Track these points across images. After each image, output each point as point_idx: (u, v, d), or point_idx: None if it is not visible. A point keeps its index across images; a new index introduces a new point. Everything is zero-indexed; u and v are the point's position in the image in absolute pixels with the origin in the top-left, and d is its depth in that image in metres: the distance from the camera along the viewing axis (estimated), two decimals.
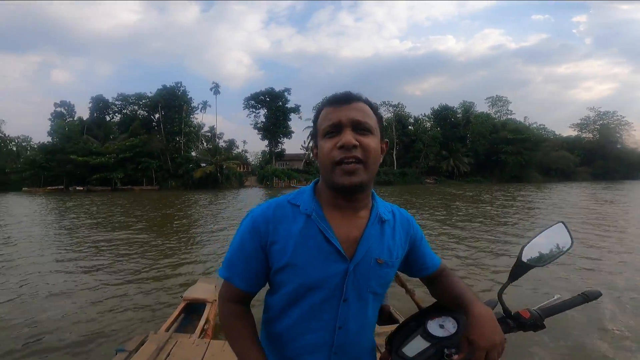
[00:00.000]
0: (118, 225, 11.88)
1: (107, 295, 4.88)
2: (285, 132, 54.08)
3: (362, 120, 0.76)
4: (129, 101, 50.20)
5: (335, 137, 0.76)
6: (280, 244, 0.79)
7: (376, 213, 0.84)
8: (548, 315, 0.83)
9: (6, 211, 17.84)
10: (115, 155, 40.72)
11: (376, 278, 0.82)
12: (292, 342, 0.83)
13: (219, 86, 56.08)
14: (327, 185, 0.81)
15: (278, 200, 0.85)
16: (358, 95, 0.80)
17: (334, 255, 0.78)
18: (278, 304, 0.84)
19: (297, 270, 0.78)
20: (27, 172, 41.15)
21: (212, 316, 3.42)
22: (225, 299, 0.85)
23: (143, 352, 2.49)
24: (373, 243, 0.81)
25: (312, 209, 0.80)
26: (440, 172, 52.48)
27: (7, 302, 4.61)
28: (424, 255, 0.94)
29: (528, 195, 24.06)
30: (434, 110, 57.08)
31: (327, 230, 0.79)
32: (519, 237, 8.75)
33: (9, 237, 9.65)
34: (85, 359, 3.21)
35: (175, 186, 42.15)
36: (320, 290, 0.79)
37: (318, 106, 0.85)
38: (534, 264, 0.89)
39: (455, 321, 0.81)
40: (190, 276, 5.80)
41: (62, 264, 6.66)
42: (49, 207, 19.86)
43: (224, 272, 0.84)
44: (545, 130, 64.08)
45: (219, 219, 13.87)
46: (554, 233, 0.93)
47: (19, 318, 4.07)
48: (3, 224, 12.59)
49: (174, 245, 8.49)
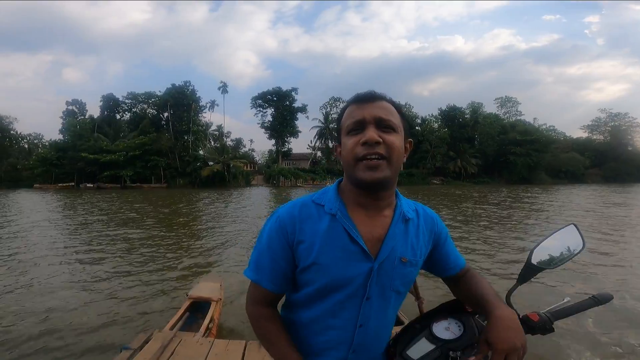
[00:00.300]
0: (126, 222, 12.03)
1: (113, 292, 4.91)
2: (292, 132, 54.28)
3: (386, 118, 0.77)
4: (138, 100, 50.93)
5: (358, 134, 0.77)
6: (306, 243, 0.79)
7: (400, 212, 0.84)
8: (558, 319, 0.82)
9: (18, 206, 18.25)
10: (125, 153, 41.40)
11: (400, 277, 0.83)
12: (311, 338, 0.84)
13: (227, 85, 56.57)
14: (351, 182, 0.81)
15: (303, 200, 0.85)
16: (382, 94, 0.81)
17: (359, 254, 0.79)
18: (300, 300, 0.85)
19: (322, 269, 0.79)
20: (39, 169, 41.98)
21: (217, 315, 3.43)
22: (254, 302, 0.86)
23: (147, 350, 2.49)
24: (397, 242, 0.82)
25: (336, 208, 0.81)
26: (447, 173, 52.17)
27: (7, 295, 4.69)
28: (448, 254, 0.93)
29: (535, 196, 23.81)
30: (441, 111, 56.72)
31: (352, 229, 0.79)
32: (522, 239, 8.69)
33: (18, 232, 9.89)
34: (90, 356, 3.21)
35: (183, 184, 42.66)
36: (344, 289, 0.79)
37: (343, 106, 0.87)
38: (543, 266, 0.88)
39: (461, 324, 0.80)
40: (195, 274, 5.82)
41: (69, 259, 6.76)
42: (60, 204, 20.26)
43: (252, 274, 0.84)
44: (555, 132, 63.40)
45: (226, 217, 13.99)
46: (565, 235, 0.92)
47: (22, 313, 4.10)
48: (15, 218, 12.92)
49: (180, 243, 8.55)
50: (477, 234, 9.67)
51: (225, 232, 10.10)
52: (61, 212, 16.02)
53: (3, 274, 5.74)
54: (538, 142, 51.72)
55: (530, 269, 0.88)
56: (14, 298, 4.65)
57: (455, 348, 0.75)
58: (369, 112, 0.77)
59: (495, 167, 54.06)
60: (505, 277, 5.60)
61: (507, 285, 0.92)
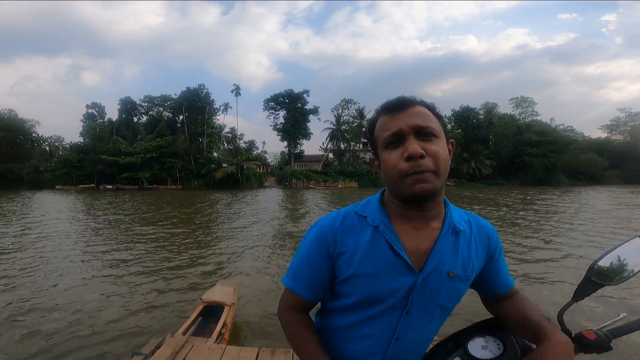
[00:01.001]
0: (144, 223, 12.25)
1: (127, 293, 4.94)
2: (304, 134, 54.60)
3: (424, 125, 0.72)
4: (154, 103, 52.19)
5: (399, 148, 0.72)
6: (348, 255, 0.78)
7: (450, 223, 0.80)
8: (616, 337, 0.76)
9: (44, 207, 18.98)
10: (142, 156, 42.48)
11: (446, 292, 0.79)
12: (344, 345, 0.83)
13: (240, 88, 57.36)
14: (396, 196, 0.78)
15: (345, 211, 0.84)
16: (413, 98, 0.77)
17: (402, 267, 0.76)
18: (338, 308, 0.84)
19: (363, 281, 0.77)
20: (60, 170, 43.43)
21: (230, 320, 3.40)
22: (287, 308, 0.85)
23: (158, 356, 2.46)
24: (445, 255, 0.78)
25: (379, 220, 0.79)
26: (461, 175, 51.56)
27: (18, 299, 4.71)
28: (498, 273, 0.88)
29: (553, 198, 23.31)
30: (454, 112, 56.15)
31: (396, 242, 0.76)
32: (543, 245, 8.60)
33: (41, 232, 10.23)
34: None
35: (198, 186, 43.48)
36: (384, 301, 0.77)
37: (372, 117, 0.83)
38: (604, 282, 0.82)
39: (501, 343, 0.76)
40: (209, 277, 5.81)
41: (85, 260, 6.86)
42: (83, 204, 20.97)
43: (290, 283, 0.84)
44: (574, 132, 61.81)
45: (242, 219, 14.10)
46: (629, 248, 0.85)
47: (36, 315, 4.09)
48: (42, 218, 13.45)
49: (196, 245, 8.59)
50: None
51: (240, 235, 10.17)
52: (85, 212, 16.60)
53: (25, 270, 6.01)
54: (555, 142, 50.60)
55: (590, 285, 0.81)
56: (34, 293, 4.85)
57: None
58: (405, 121, 0.72)
59: (511, 169, 53.12)
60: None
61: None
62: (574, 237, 9.07)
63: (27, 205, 20.50)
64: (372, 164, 0.85)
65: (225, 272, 6.25)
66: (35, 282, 5.46)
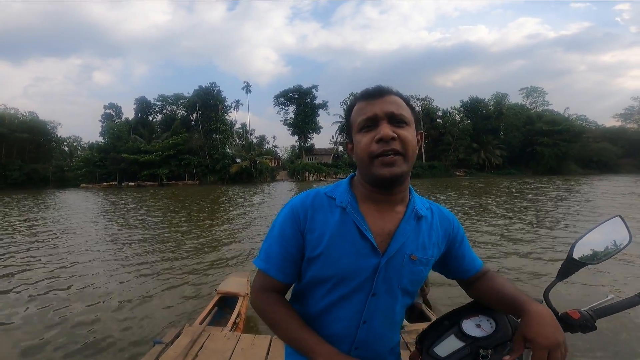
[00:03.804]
0: (166, 218, 12.65)
1: (147, 285, 5.08)
2: (314, 128, 55.76)
3: (398, 113, 0.76)
4: (168, 101, 54.08)
5: (372, 131, 0.76)
6: (317, 233, 0.79)
7: (412, 208, 0.83)
8: (600, 317, 0.78)
9: (77, 204, 20.33)
10: (160, 153, 44.33)
11: (408, 274, 0.81)
12: (316, 331, 0.81)
13: (250, 85, 58.61)
14: (366, 179, 0.81)
15: (315, 191, 0.86)
16: (390, 88, 0.80)
17: (367, 249, 0.78)
18: (306, 293, 0.85)
19: (329, 261, 0.78)
20: (83, 169, 45.46)
21: (244, 310, 3.50)
22: (261, 290, 0.84)
23: (178, 344, 2.58)
24: (407, 239, 0.80)
25: (347, 202, 0.81)
26: (470, 165, 51.86)
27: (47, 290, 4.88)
28: (463, 257, 0.91)
29: (564, 187, 23.46)
30: (463, 103, 56.23)
31: (362, 223, 0.79)
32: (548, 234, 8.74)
33: (77, 226, 10.75)
34: (124, 350, 3.27)
35: (214, 181, 45.12)
36: (350, 282, 0.79)
37: (349, 102, 0.86)
38: (586, 261, 0.83)
39: (493, 321, 0.78)
40: (226, 267, 5.96)
41: (109, 253, 7.09)
42: (112, 200, 22.36)
43: (261, 263, 0.84)
44: (587, 121, 61.02)
45: (257, 211, 14.42)
46: (609, 228, 0.86)
47: (58, 308, 4.22)
48: (71, 214, 14.49)
49: (213, 237, 8.76)
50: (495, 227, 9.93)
51: (255, 226, 10.28)
52: (116, 207, 17.83)
53: (50, 263, 6.30)
54: (567, 131, 50.36)
55: (572, 264, 0.84)
56: (57, 285, 5.11)
57: (486, 346, 0.73)
58: (380, 107, 0.76)
59: (522, 158, 53.15)
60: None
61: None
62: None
63: (64, 202, 21.90)
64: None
65: (240, 262, 6.33)
66: (74, 267, 6.00)
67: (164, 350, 2.49)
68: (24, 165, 43.29)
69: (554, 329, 0.68)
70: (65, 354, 3.20)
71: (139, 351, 3.15)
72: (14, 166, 42.25)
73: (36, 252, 7.30)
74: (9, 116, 45.62)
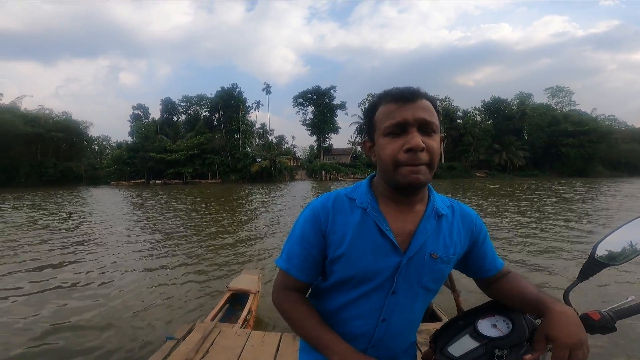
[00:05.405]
0: (190, 214, 13.02)
1: (162, 282, 5.17)
2: (332, 128, 56.39)
3: (429, 120, 0.74)
4: (192, 102, 56.25)
5: (399, 137, 0.74)
6: (338, 234, 0.80)
7: (432, 207, 0.83)
8: (620, 318, 0.75)
9: (113, 200, 21.70)
10: (185, 152, 46.16)
11: (429, 273, 0.82)
12: (336, 328, 0.83)
13: (270, 86, 59.83)
14: (386, 180, 0.80)
15: (336, 193, 0.86)
16: (420, 90, 0.77)
17: (388, 248, 0.79)
18: (327, 290, 0.87)
19: (351, 261, 0.79)
20: (113, 167, 47.82)
21: (255, 307, 3.54)
22: (282, 289, 0.87)
23: (190, 340, 2.62)
24: (428, 238, 0.81)
25: (367, 202, 0.82)
26: (492, 166, 51.02)
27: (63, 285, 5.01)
28: (485, 255, 0.90)
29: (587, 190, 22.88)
30: (484, 103, 55.33)
31: (382, 223, 0.79)
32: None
33: (105, 221, 11.32)
34: (136, 344, 3.31)
35: (235, 179, 46.52)
36: (371, 281, 0.80)
37: (372, 99, 0.83)
38: (608, 262, 0.81)
39: (510, 321, 0.76)
40: (238, 264, 6.00)
41: (129, 249, 7.29)
42: (143, 197, 23.58)
43: (283, 264, 0.85)
44: (617, 122, 58.72)
45: (276, 209, 14.71)
46: (632, 229, 0.83)
47: (78, 303, 4.33)
48: (103, 208, 15.52)
49: (229, 234, 8.94)
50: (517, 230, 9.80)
51: (273, 225, 10.48)
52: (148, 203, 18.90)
53: (70, 257, 6.62)
54: (593, 132, 48.75)
55: (593, 265, 0.82)
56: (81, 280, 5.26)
57: (501, 346, 0.71)
58: (412, 113, 0.73)
59: (546, 160, 51.76)
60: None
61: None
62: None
63: (101, 198, 23.27)
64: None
65: (251, 260, 6.38)
66: (100, 257, 6.51)
67: (175, 346, 2.53)
68: (59, 164, 45.71)
69: (577, 328, 0.67)
70: (79, 347, 3.26)
71: (150, 347, 3.19)
72: (49, 164, 44.62)
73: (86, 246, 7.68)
74: (44, 116, 48.10)
